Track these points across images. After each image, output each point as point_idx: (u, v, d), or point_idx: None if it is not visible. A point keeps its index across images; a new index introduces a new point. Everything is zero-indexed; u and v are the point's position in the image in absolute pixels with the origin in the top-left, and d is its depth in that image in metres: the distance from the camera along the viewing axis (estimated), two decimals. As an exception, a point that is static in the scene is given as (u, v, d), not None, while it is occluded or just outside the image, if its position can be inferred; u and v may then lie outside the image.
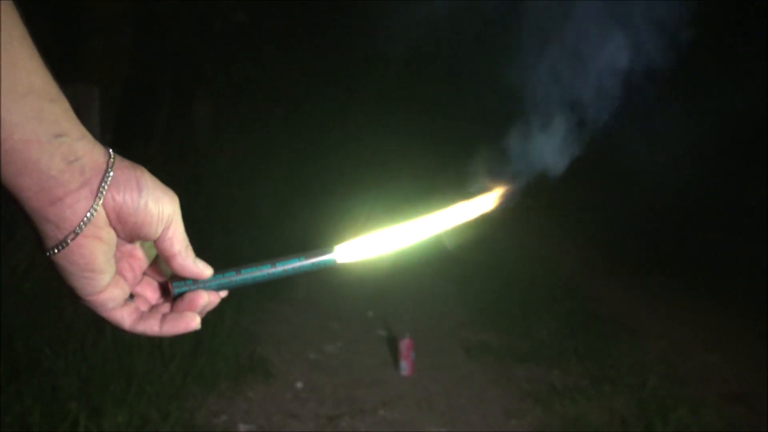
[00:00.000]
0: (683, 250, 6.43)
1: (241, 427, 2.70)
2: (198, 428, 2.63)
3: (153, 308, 0.60)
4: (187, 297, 0.59)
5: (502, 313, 4.32)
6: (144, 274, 0.61)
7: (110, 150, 0.51)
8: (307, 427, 2.76)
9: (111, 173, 0.50)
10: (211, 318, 3.42)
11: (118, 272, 0.56)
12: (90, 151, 0.49)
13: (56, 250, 0.50)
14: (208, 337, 3.25)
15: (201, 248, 0.62)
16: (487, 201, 0.64)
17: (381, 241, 0.63)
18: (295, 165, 8.82)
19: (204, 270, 0.58)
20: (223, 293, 0.61)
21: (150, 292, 0.61)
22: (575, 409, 2.99)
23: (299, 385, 3.16)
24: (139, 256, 0.59)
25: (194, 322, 0.58)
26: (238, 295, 3.93)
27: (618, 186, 9.00)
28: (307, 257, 0.61)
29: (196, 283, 0.59)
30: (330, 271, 0.64)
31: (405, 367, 3.33)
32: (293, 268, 0.61)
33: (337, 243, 0.62)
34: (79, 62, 5.47)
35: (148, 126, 7.21)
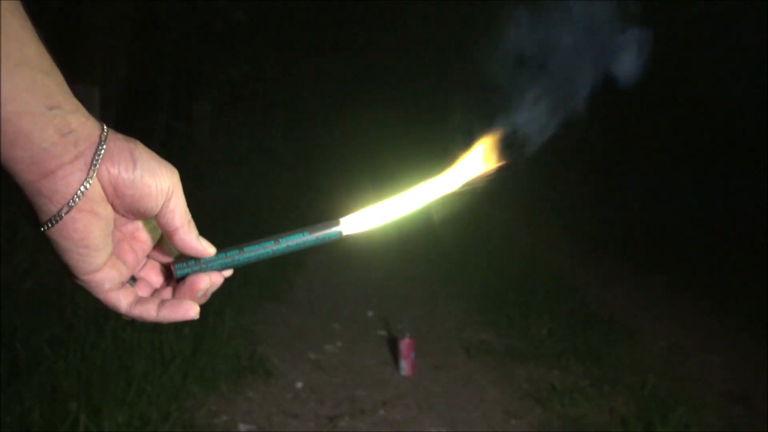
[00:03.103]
0: (683, 250, 6.43)
1: (241, 427, 2.70)
2: (198, 428, 2.62)
3: (155, 293, 0.59)
4: (188, 281, 0.57)
5: (502, 313, 4.31)
6: (148, 257, 0.60)
7: (104, 124, 0.51)
8: (307, 427, 2.76)
9: (104, 146, 0.49)
10: (211, 318, 3.43)
11: (119, 254, 0.55)
12: (83, 124, 0.49)
13: (50, 225, 0.49)
14: (209, 337, 3.25)
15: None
16: (471, 164, 0.63)
17: (383, 211, 0.62)
18: (298, 158, 8.87)
19: (207, 248, 0.57)
20: (228, 273, 0.60)
21: (154, 276, 0.60)
22: (575, 409, 2.99)
23: (299, 385, 3.16)
24: (142, 238, 0.58)
25: (192, 311, 0.56)
26: (238, 296, 3.93)
27: (619, 186, 9.00)
28: (312, 231, 0.59)
29: (198, 263, 0.57)
30: (330, 270, 0.63)
31: (405, 367, 3.33)
32: (297, 243, 0.59)
33: (340, 216, 0.61)
34: (79, 62, 5.47)
35: (148, 126, 7.21)
